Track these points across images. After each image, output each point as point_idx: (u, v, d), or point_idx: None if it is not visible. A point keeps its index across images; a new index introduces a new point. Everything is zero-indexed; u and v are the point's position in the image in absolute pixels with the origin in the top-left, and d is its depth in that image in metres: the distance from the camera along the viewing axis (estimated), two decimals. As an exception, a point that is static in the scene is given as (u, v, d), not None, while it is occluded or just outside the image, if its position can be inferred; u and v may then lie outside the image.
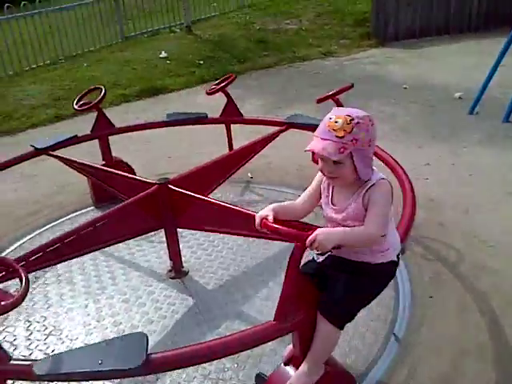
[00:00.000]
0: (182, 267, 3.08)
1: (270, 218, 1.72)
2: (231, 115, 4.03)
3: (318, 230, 1.60)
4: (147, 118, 5.72)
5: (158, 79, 7.55)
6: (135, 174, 3.89)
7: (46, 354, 2.48)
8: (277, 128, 3.83)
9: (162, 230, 2.95)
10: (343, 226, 1.71)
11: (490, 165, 4.18)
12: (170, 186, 2.80)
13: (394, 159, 3.03)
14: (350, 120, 1.59)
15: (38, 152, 3.70)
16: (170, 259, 3.05)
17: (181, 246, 3.05)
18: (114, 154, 3.99)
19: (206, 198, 2.71)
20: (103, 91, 3.83)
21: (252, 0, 11.38)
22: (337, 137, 1.58)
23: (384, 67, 7.60)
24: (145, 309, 2.79)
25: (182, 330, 2.60)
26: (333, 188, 1.77)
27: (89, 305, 2.86)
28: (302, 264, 1.78)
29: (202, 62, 8.20)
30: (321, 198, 1.82)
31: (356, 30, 9.52)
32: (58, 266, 3.25)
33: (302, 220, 1.87)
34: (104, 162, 3.87)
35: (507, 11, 9.12)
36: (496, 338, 2.40)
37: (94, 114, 3.96)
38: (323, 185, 1.80)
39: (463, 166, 4.20)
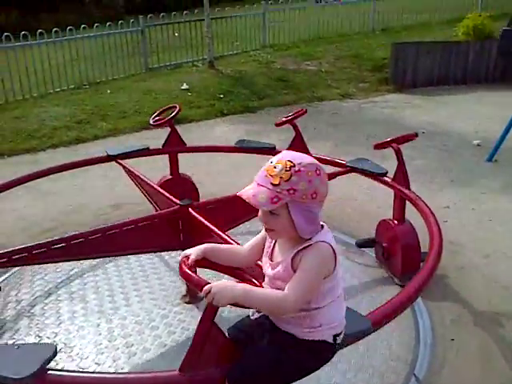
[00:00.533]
0: (198, 292, 3.03)
1: (192, 258, 1.58)
2: (297, 149, 3.95)
3: (218, 282, 1.44)
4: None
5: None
6: (198, 193, 4.15)
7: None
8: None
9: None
10: (273, 284, 1.51)
11: (510, 211, 4.15)
12: (190, 209, 2.80)
13: (422, 201, 2.99)
14: (291, 166, 1.38)
15: (108, 158, 3.81)
16: (186, 284, 3.01)
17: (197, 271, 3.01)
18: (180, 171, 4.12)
19: (217, 232, 2.59)
20: (177, 109, 3.93)
21: (274, 41, 11.66)
22: (272, 184, 1.37)
23: (401, 112, 7.69)
24: (158, 332, 2.74)
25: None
26: (276, 240, 1.54)
27: (101, 324, 2.81)
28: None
29: (222, 96, 8.35)
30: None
31: (374, 74, 9.69)
32: (72, 283, 3.23)
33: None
34: (171, 177, 4.05)
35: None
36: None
37: (117, 139, 4.03)
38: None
39: (483, 211, 4.17)
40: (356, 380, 2.34)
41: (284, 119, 3.95)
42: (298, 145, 3.85)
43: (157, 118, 3.96)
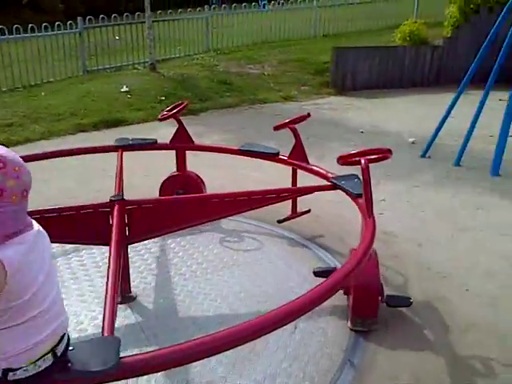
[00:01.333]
0: (130, 292, 2.91)
1: None
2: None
3: None
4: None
5: (117, 111, 7.48)
6: (205, 187, 4.01)
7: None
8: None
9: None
10: None
11: (442, 203, 4.29)
12: (116, 205, 2.68)
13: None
14: None
15: (116, 148, 3.74)
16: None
17: (130, 270, 2.90)
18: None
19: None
20: (185, 103, 3.97)
21: (217, 45, 11.64)
22: None
23: (342, 113, 7.84)
24: (86, 334, 2.59)
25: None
26: None
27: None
28: None
29: (163, 99, 8.21)
30: None
31: (316, 78, 9.85)
32: None
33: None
34: (178, 173, 4.00)
35: (456, 68, 9.74)
36: (452, 365, 2.35)
37: (49, 142, 3.87)
38: None
39: (416, 204, 4.29)
40: (292, 369, 2.31)
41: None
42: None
43: (164, 113, 3.96)
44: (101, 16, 9.82)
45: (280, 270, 3.20)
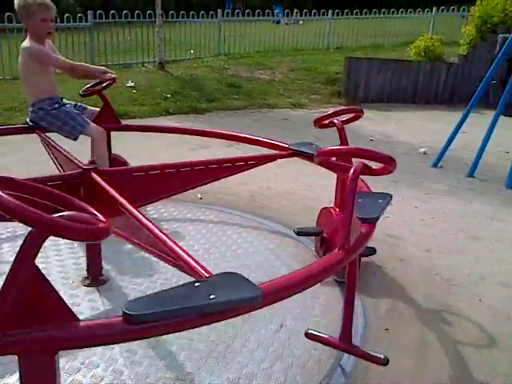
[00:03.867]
0: (102, 275, 2.61)
1: None
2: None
3: None
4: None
5: (120, 105, 7.24)
6: None
7: None
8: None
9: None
10: None
11: (453, 211, 3.97)
12: (92, 174, 2.40)
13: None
14: None
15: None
16: (88, 265, 2.59)
17: (105, 252, 2.60)
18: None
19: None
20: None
21: (229, 49, 11.49)
22: None
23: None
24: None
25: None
26: None
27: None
28: None
29: (169, 96, 8.00)
30: None
31: (327, 87, 9.61)
32: None
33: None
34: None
35: (471, 87, 9.46)
36: (456, 379, 2.02)
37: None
38: None
39: (426, 210, 3.97)
40: (272, 371, 1.98)
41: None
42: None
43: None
44: (111, 12, 9.69)
45: (267, 260, 2.88)
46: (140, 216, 1.96)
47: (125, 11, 9.83)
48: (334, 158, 2.36)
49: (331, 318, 2.36)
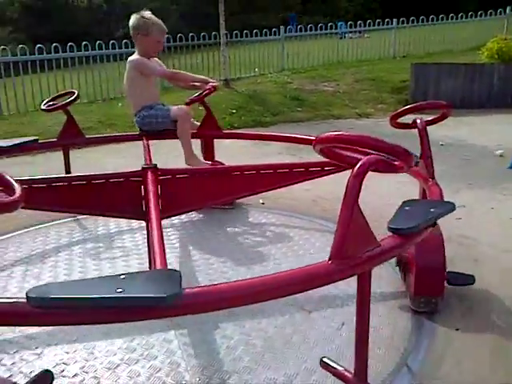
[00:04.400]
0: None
1: None
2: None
3: None
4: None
5: (187, 121, 7.48)
6: None
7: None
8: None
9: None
10: None
11: (535, 212, 3.66)
12: (149, 172, 2.47)
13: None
14: None
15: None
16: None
17: (167, 249, 2.64)
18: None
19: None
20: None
21: (292, 64, 11.56)
22: None
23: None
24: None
25: (152, 348, 2.12)
26: None
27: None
28: None
29: (234, 111, 8.15)
30: None
31: (394, 96, 9.37)
32: (28, 259, 2.89)
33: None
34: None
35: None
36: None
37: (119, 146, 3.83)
38: None
39: (504, 210, 3.69)
40: (333, 368, 1.88)
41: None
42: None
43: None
44: (178, 35, 10.10)
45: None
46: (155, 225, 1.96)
47: (191, 34, 10.22)
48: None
49: (397, 315, 2.22)
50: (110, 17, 29.72)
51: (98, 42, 9.18)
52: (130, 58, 3.47)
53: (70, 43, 8.78)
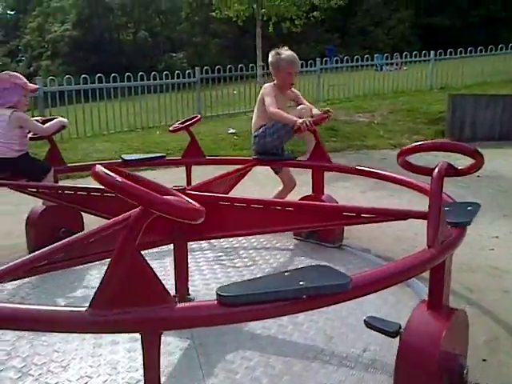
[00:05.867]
0: (188, 294, 2.70)
1: None
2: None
3: None
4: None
5: (221, 150, 7.66)
6: None
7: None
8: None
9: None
10: None
11: None
12: (188, 191, 2.54)
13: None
14: None
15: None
16: (176, 283, 2.69)
17: (191, 268, 2.70)
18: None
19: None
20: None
21: (328, 95, 11.69)
22: None
23: (454, 160, 7.17)
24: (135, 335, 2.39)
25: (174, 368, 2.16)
26: None
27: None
28: None
29: (268, 140, 8.27)
30: None
31: (430, 127, 9.30)
32: (45, 278, 2.98)
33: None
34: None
35: None
36: None
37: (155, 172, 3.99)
38: None
39: (539, 243, 3.58)
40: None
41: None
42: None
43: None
44: (217, 67, 10.43)
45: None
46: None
47: (229, 66, 10.53)
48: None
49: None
50: (154, 50, 31.03)
51: (141, 73, 9.58)
52: (265, 85, 3.70)
53: (113, 74, 9.20)
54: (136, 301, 1.27)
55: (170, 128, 3.88)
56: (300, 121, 3.35)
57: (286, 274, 1.35)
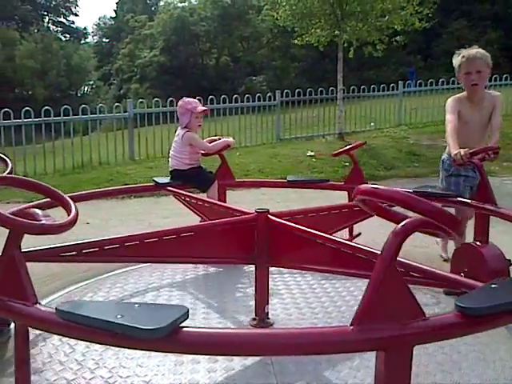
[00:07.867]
0: (268, 317, 2.68)
1: None
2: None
3: None
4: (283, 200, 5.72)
5: (299, 172, 7.66)
6: None
7: None
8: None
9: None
10: None
11: None
12: (269, 216, 2.55)
13: None
14: None
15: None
16: (255, 306, 2.69)
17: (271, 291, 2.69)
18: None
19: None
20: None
21: (410, 120, 11.36)
22: None
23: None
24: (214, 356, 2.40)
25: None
26: None
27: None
28: None
29: (347, 164, 8.15)
30: None
31: (521, 154, 8.72)
32: (125, 293, 3.10)
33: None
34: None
35: None
36: None
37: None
38: None
39: None
40: None
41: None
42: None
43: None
44: (297, 90, 10.52)
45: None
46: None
47: (309, 89, 10.59)
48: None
49: None
50: (235, 74, 32.01)
51: (223, 96, 9.89)
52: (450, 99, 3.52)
53: (198, 97, 9.57)
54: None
55: (333, 153, 4.15)
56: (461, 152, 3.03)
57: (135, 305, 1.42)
